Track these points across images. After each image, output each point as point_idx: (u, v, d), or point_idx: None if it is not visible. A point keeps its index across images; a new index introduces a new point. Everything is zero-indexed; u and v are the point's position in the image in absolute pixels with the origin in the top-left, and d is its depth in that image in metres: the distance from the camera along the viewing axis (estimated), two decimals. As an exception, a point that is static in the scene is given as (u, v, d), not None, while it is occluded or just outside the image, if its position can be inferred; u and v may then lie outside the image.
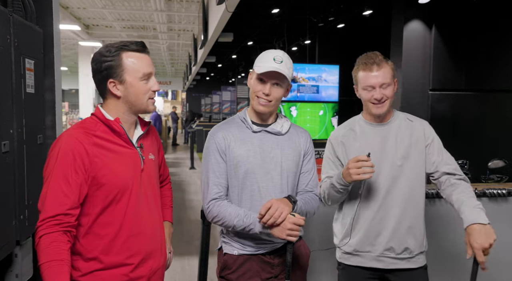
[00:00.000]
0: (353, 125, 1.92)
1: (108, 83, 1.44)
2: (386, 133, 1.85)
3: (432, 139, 1.86)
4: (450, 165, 1.84)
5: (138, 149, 1.51)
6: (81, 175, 1.37)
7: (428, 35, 6.18)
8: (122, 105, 1.48)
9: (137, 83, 1.45)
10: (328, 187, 1.83)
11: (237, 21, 8.18)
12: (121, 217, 1.44)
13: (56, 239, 1.30)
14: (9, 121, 1.69)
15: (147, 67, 1.47)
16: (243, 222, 1.63)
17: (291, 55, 1.84)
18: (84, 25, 13.02)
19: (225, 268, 1.73)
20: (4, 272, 1.81)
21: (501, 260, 2.70)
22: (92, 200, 1.41)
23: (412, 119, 1.90)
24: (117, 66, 1.43)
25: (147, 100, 1.50)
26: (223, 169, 1.71)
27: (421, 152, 1.83)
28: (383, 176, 1.80)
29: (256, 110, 1.71)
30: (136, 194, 1.47)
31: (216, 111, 18.19)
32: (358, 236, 1.84)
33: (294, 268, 1.76)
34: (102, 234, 1.42)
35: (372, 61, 1.79)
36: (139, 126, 1.57)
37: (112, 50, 1.44)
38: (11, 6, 1.79)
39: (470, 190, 1.78)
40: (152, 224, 1.53)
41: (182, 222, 5.50)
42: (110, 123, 1.45)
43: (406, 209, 1.80)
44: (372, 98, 1.80)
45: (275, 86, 1.68)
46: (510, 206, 2.70)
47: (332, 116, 6.29)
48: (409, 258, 1.82)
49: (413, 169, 1.82)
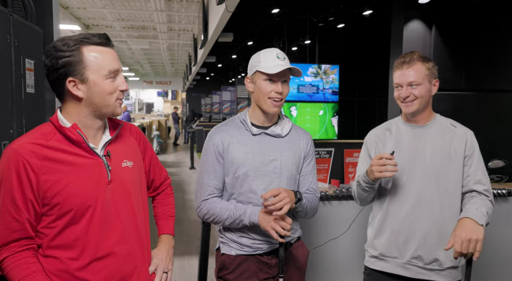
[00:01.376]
0: (390, 126, 1.90)
1: (67, 82, 1.24)
2: (422, 136, 1.80)
3: (473, 151, 1.79)
4: (483, 185, 1.76)
5: (103, 158, 1.29)
6: (30, 195, 1.20)
7: (428, 35, 6.18)
8: (84, 109, 1.28)
9: (102, 82, 1.25)
10: (355, 185, 1.84)
11: (237, 21, 8.18)
12: (82, 238, 1.24)
13: (21, 256, 1.20)
14: (9, 121, 1.69)
15: (113, 63, 1.27)
16: (233, 215, 1.64)
17: (291, 55, 1.84)
18: (84, 25, 13.01)
19: (223, 269, 1.73)
20: (4, 272, 1.80)
21: (501, 260, 2.70)
22: (47, 220, 1.23)
23: (456, 125, 1.85)
24: (77, 62, 1.23)
25: (115, 101, 1.29)
26: (218, 171, 1.70)
27: (458, 162, 1.76)
28: (414, 179, 1.76)
29: (269, 112, 1.69)
30: (102, 211, 1.26)
31: (216, 111, 18.18)
32: (385, 240, 1.80)
33: (292, 268, 1.77)
34: (62, 258, 1.24)
35: (403, 60, 1.77)
36: (107, 130, 1.36)
37: (71, 44, 1.23)
38: (11, 6, 1.79)
39: (487, 203, 1.71)
40: (127, 243, 1.32)
41: (182, 222, 5.50)
42: (65, 130, 1.24)
43: (439, 219, 1.73)
44: (399, 96, 1.79)
45: (285, 83, 1.68)
46: (510, 206, 2.70)
47: (332, 116, 6.29)
48: (439, 271, 1.75)
49: (450, 178, 1.75)
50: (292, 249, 1.77)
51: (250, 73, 1.72)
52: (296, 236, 1.79)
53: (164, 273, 1.43)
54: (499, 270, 2.71)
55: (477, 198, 1.72)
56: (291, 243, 1.77)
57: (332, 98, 6.24)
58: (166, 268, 1.45)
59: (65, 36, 1.29)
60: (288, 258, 1.75)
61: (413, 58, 1.76)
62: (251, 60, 1.72)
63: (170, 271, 1.46)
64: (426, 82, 1.76)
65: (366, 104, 10.72)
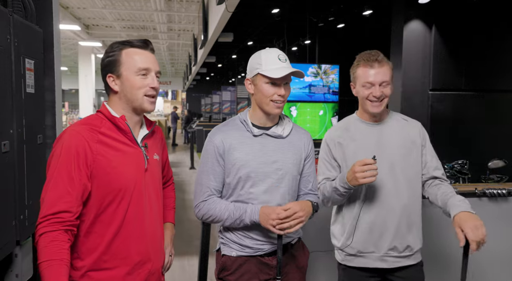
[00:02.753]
0: (348, 125, 1.91)
1: (107, 77, 1.46)
2: (382, 133, 1.85)
3: (426, 140, 1.89)
4: (440, 170, 1.89)
5: (142, 148, 1.49)
6: (84, 172, 1.35)
7: (428, 35, 6.18)
8: (121, 102, 1.47)
9: (132, 77, 1.44)
10: (329, 191, 1.82)
11: (237, 21, 8.17)
12: (121, 217, 1.41)
13: (57, 238, 1.28)
14: (9, 121, 1.69)
15: (144, 63, 1.45)
16: (233, 215, 1.63)
17: (291, 55, 1.84)
18: (84, 25, 13.01)
19: (223, 270, 1.72)
20: (4, 272, 1.81)
21: (501, 260, 2.70)
22: (94, 198, 1.38)
23: (407, 119, 1.92)
24: (116, 61, 1.45)
25: (143, 96, 1.46)
26: (218, 172, 1.69)
27: (418, 152, 1.85)
28: (382, 176, 1.78)
29: (272, 113, 1.68)
30: (138, 194, 1.44)
31: (216, 111, 18.18)
32: (362, 237, 1.83)
33: (293, 269, 1.76)
34: (102, 232, 1.39)
35: (374, 58, 1.78)
36: (144, 126, 1.56)
37: (115, 47, 1.47)
38: (11, 6, 1.79)
39: (452, 189, 1.82)
40: (153, 226, 1.51)
41: (182, 222, 5.50)
42: (115, 120, 1.44)
43: (407, 207, 1.81)
44: (370, 96, 1.79)
45: (287, 85, 1.67)
46: (510, 206, 2.70)
47: (332, 116, 6.28)
48: (410, 255, 1.84)
49: (412, 168, 1.83)
50: (292, 250, 1.76)
51: (250, 74, 1.69)
52: (296, 236, 1.79)
53: (169, 256, 1.65)
54: (499, 270, 2.71)
55: (443, 186, 1.83)
56: (292, 243, 1.77)
57: (332, 98, 6.24)
58: (170, 251, 1.66)
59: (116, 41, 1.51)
60: (289, 259, 1.74)
61: (382, 57, 1.79)
62: (251, 61, 1.69)
63: (173, 254, 1.68)
64: (391, 82, 1.82)
65: (366, 104, 10.70)
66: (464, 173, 4.48)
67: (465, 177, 4.48)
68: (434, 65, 6.20)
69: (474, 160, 4.73)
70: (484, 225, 1.58)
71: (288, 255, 1.74)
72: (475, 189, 2.65)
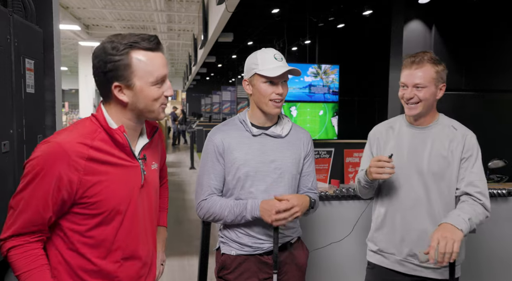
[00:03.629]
0: (393, 123, 1.91)
1: (112, 87, 1.21)
2: (423, 138, 1.79)
3: (470, 153, 1.75)
4: (475, 187, 1.71)
5: (140, 162, 1.30)
6: (64, 194, 1.18)
7: (428, 35, 6.18)
8: (128, 112, 1.26)
9: (148, 89, 1.22)
10: (356, 181, 1.88)
11: (237, 21, 8.17)
12: (109, 242, 1.25)
13: (28, 248, 1.18)
14: (9, 121, 1.69)
15: (161, 69, 1.23)
16: (234, 212, 1.64)
17: (291, 55, 1.84)
18: (84, 25, 13.02)
19: (223, 268, 1.73)
20: (4, 272, 1.81)
21: (501, 260, 2.70)
22: (79, 217, 1.22)
23: (457, 127, 1.81)
24: (125, 67, 1.19)
25: (159, 107, 1.26)
26: (218, 171, 1.70)
27: (455, 164, 1.74)
28: (412, 180, 1.77)
29: (271, 113, 1.69)
30: (132, 214, 1.29)
31: (216, 111, 18.19)
32: (383, 236, 1.84)
33: (292, 268, 1.77)
34: (88, 255, 1.24)
35: (413, 60, 1.73)
36: (144, 133, 1.36)
37: (120, 48, 1.19)
38: (11, 6, 1.79)
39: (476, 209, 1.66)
40: (146, 247, 1.36)
41: (182, 222, 5.50)
42: (112, 132, 1.23)
43: (435, 219, 1.73)
44: (403, 96, 1.77)
45: (284, 84, 1.68)
46: (510, 206, 2.70)
47: (332, 116, 6.29)
48: (434, 268, 1.77)
49: (446, 180, 1.75)
50: (292, 249, 1.77)
51: (247, 75, 1.70)
52: (295, 236, 1.79)
53: (161, 265, 1.53)
54: (499, 270, 2.71)
55: (465, 203, 1.69)
56: (291, 243, 1.77)
57: (332, 98, 6.24)
58: (162, 259, 1.54)
59: (114, 36, 1.22)
60: (288, 258, 1.75)
61: (424, 59, 1.71)
62: (248, 62, 1.70)
63: (165, 262, 1.56)
64: (432, 86, 1.72)
65: (366, 104, 10.72)
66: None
67: (465, 177, 4.47)
68: (434, 65, 6.20)
69: (474, 160, 4.73)
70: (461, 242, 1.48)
71: (288, 254, 1.75)
72: (475, 189, 2.65)
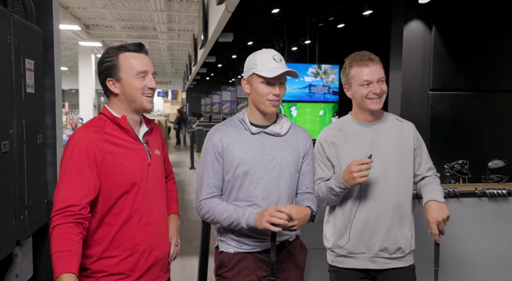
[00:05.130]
0: (342, 126, 1.91)
1: (107, 81, 1.58)
2: (376, 133, 1.85)
3: (420, 142, 1.92)
4: (432, 170, 1.94)
5: (144, 145, 1.61)
6: (94, 170, 1.47)
7: (428, 35, 6.18)
8: (121, 103, 1.59)
9: (131, 80, 1.56)
10: (324, 191, 1.82)
11: (237, 21, 8.17)
12: (129, 208, 1.53)
13: (67, 231, 1.38)
14: (9, 121, 1.69)
15: (141, 66, 1.58)
16: (231, 217, 1.65)
17: (291, 55, 1.84)
18: (84, 25, 13.01)
19: (221, 266, 1.74)
20: (4, 272, 1.81)
21: (501, 260, 2.70)
22: (104, 193, 1.51)
23: (401, 120, 1.93)
24: (114, 66, 1.56)
25: (141, 96, 1.58)
26: (218, 170, 1.71)
27: (410, 153, 1.86)
28: (374, 176, 1.80)
29: (267, 112, 1.69)
30: (144, 187, 1.57)
31: (216, 111, 18.20)
32: (352, 237, 1.84)
33: (291, 267, 1.77)
34: (113, 223, 1.52)
35: (367, 57, 1.80)
36: (144, 124, 1.68)
37: (111, 52, 1.58)
38: (11, 6, 1.79)
39: (438, 181, 1.91)
40: (158, 216, 1.63)
41: (182, 222, 5.47)
42: (117, 120, 1.56)
43: (398, 209, 1.82)
44: (370, 93, 1.79)
45: (281, 85, 1.69)
46: (510, 206, 2.70)
47: (332, 116, 6.29)
48: (401, 257, 1.84)
49: (404, 169, 1.84)
50: (290, 247, 1.77)
51: (246, 75, 1.72)
52: (294, 234, 1.79)
53: (176, 246, 1.76)
54: (499, 270, 2.71)
55: (431, 177, 1.91)
56: (289, 241, 1.77)
57: (332, 98, 6.24)
58: (176, 241, 1.77)
59: (110, 47, 1.61)
60: (286, 257, 1.75)
61: (374, 56, 1.82)
62: (247, 61, 1.72)
63: (179, 244, 1.79)
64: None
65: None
66: (464, 173, 4.48)
67: (465, 177, 4.48)
68: (434, 65, 6.20)
69: (474, 160, 4.74)
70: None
71: (286, 253, 1.75)
72: (475, 189, 2.66)
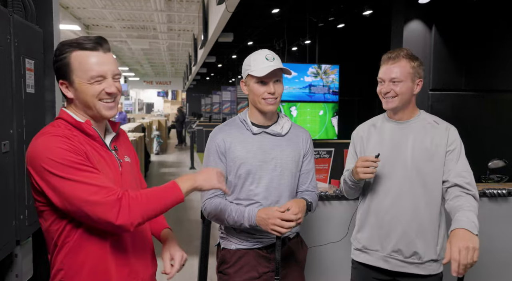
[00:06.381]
0: (375, 121, 1.94)
1: (60, 84, 1.33)
2: (404, 132, 1.82)
3: (455, 146, 1.78)
4: (464, 178, 1.73)
5: (113, 152, 1.39)
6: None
7: (428, 35, 6.17)
8: (80, 109, 1.34)
9: (84, 85, 1.29)
10: (343, 182, 1.89)
11: (237, 21, 8.17)
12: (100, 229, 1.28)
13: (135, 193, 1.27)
14: (9, 121, 1.69)
15: (98, 68, 1.29)
16: (232, 218, 1.67)
17: (291, 55, 1.85)
18: (84, 25, 13.01)
19: (223, 263, 1.77)
20: (4, 272, 1.81)
21: (501, 260, 2.70)
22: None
23: (439, 122, 1.84)
24: (66, 66, 1.29)
25: (98, 102, 1.31)
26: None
27: (440, 158, 1.77)
28: (395, 175, 1.79)
29: (265, 110, 1.72)
30: None
31: (216, 111, 18.18)
32: (367, 233, 1.85)
33: (291, 264, 1.79)
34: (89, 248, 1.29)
35: (390, 56, 1.80)
36: (110, 129, 1.46)
37: (63, 49, 1.30)
38: (11, 6, 1.79)
39: (473, 204, 1.64)
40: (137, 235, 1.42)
41: (182, 222, 5.50)
42: (82, 125, 1.31)
43: (419, 213, 1.75)
44: (380, 91, 1.81)
45: (277, 83, 1.70)
46: (510, 206, 2.70)
47: (332, 116, 6.28)
48: (418, 264, 1.77)
49: (431, 174, 1.76)
50: (291, 244, 1.79)
51: (243, 76, 1.76)
52: (294, 231, 1.81)
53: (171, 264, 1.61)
54: (499, 270, 2.71)
55: (462, 199, 1.67)
56: (290, 238, 1.79)
57: (332, 98, 6.24)
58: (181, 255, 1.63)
59: (66, 40, 1.35)
60: (287, 253, 1.76)
61: (399, 55, 1.77)
62: (243, 64, 1.75)
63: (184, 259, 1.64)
64: (409, 80, 1.77)
65: (366, 104, 10.70)
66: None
67: (465, 177, 4.47)
68: (434, 65, 6.20)
69: (474, 160, 4.73)
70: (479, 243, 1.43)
71: (286, 250, 1.77)
72: (475, 189, 2.65)
